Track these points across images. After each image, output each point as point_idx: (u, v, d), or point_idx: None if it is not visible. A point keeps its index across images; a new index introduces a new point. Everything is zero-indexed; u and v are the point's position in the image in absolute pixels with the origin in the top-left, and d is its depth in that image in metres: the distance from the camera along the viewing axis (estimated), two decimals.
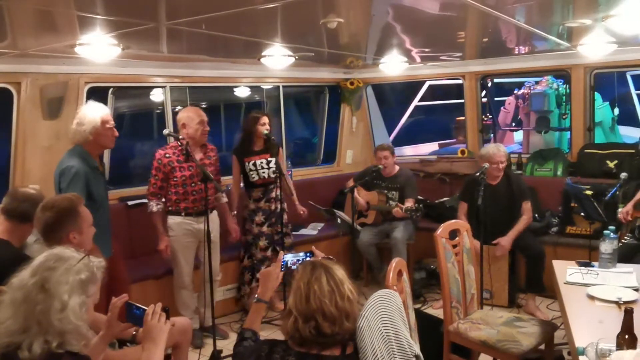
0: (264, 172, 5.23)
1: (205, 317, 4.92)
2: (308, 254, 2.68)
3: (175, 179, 4.64)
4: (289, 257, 2.73)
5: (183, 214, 4.69)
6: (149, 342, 2.36)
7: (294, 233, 6.07)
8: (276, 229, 5.33)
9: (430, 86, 10.39)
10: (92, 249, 3.31)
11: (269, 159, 5.24)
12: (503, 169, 5.32)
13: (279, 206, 5.34)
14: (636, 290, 3.35)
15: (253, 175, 5.22)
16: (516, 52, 5.72)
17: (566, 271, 3.75)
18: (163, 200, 4.72)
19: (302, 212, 5.63)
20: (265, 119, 5.20)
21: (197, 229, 4.66)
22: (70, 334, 2.01)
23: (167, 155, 4.63)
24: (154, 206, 4.67)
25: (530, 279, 5.25)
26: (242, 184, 5.36)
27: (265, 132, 5.16)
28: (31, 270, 2.06)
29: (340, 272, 2.17)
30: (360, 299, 2.21)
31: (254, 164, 5.21)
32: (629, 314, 2.37)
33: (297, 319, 2.09)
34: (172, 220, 4.73)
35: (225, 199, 5.09)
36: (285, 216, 5.41)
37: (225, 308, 5.44)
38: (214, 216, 4.91)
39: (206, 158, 4.84)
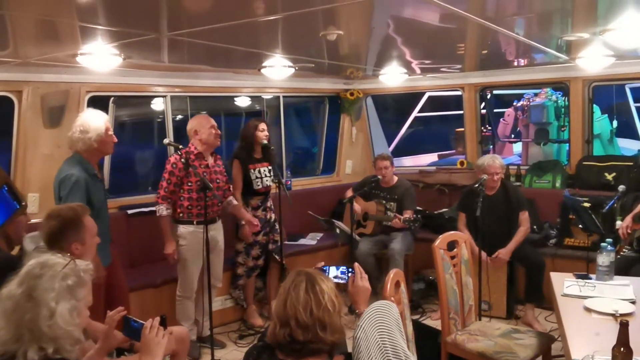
0: (267, 180, 5.26)
1: (204, 326, 4.90)
2: (350, 270, 2.62)
3: (189, 184, 4.65)
4: (333, 270, 2.67)
5: (195, 222, 4.68)
6: (147, 355, 2.37)
7: (293, 243, 6.08)
8: (272, 237, 5.36)
9: (429, 97, 10.41)
10: (94, 258, 3.33)
11: (268, 167, 5.29)
12: (499, 180, 5.34)
13: (272, 215, 5.36)
14: (633, 302, 3.36)
15: (258, 183, 5.23)
16: (515, 65, 5.74)
17: (564, 283, 3.76)
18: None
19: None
20: (263, 126, 5.23)
21: (209, 237, 4.59)
22: (63, 339, 2.01)
23: (183, 160, 4.61)
24: (164, 210, 4.64)
25: (529, 290, 5.25)
26: None
27: (265, 142, 5.18)
28: (18, 280, 2.07)
29: (326, 285, 2.16)
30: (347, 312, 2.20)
31: (259, 172, 5.23)
32: (624, 327, 2.38)
33: (276, 324, 2.12)
34: (185, 229, 4.70)
35: (235, 202, 5.08)
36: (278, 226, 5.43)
37: (223, 317, 5.43)
38: (219, 224, 4.95)
39: (216, 165, 4.89)
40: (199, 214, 4.67)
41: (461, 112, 7.08)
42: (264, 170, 5.27)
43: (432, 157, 10.70)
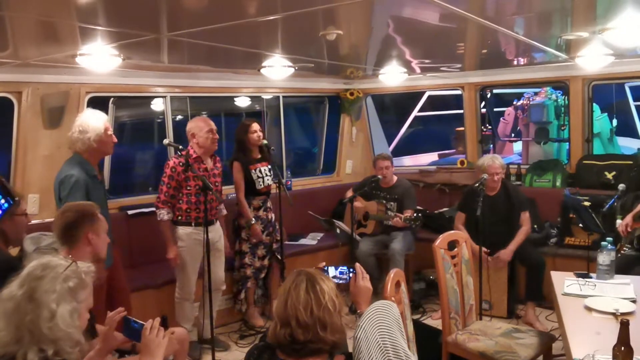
0: (268, 180, 5.27)
1: (204, 328, 4.87)
2: (352, 270, 2.63)
3: (188, 188, 4.65)
4: (332, 270, 2.67)
5: (193, 223, 4.69)
6: (147, 356, 2.37)
7: (293, 243, 6.07)
8: (275, 237, 5.35)
9: (429, 97, 10.41)
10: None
11: (268, 166, 5.29)
12: (499, 179, 5.34)
13: (273, 215, 5.36)
14: (633, 301, 3.36)
15: (260, 183, 5.23)
16: (515, 64, 5.74)
17: (564, 282, 3.76)
18: None
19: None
20: (255, 126, 5.20)
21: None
22: (63, 341, 2.01)
23: (182, 164, 4.59)
24: (165, 214, 4.64)
25: (529, 289, 5.24)
26: None
27: (265, 142, 5.18)
28: (20, 281, 2.07)
29: (327, 284, 2.16)
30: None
31: (260, 171, 5.23)
32: (624, 326, 2.38)
33: (277, 324, 2.12)
34: (183, 230, 4.70)
35: (224, 212, 5.11)
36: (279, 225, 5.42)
37: (225, 318, 5.43)
38: (218, 226, 4.94)
39: (215, 168, 4.90)
40: (197, 217, 4.68)
41: (461, 111, 7.08)
42: (264, 170, 5.27)
43: (433, 157, 10.70)
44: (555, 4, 3.00)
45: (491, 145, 7.68)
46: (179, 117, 6.42)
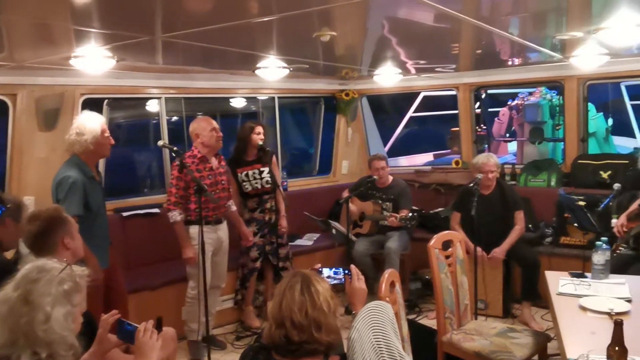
0: (256, 183, 5.26)
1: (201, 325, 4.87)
2: (346, 271, 2.63)
3: (196, 187, 4.61)
4: (326, 271, 2.67)
5: (204, 222, 4.69)
6: (141, 358, 2.37)
7: (289, 243, 6.07)
8: (270, 239, 5.35)
9: (424, 97, 10.41)
10: (92, 260, 3.32)
11: (262, 169, 5.28)
12: (494, 178, 5.34)
13: (273, 217, 5.35)
14: (628, 301, 3.37)
15: (246, 186, 5.25)
16: (510, 64, 5.75)
17: (559, 282, 3.77)
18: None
19: (283, 228, 5.45)
20: (260, 129, 5.24)
21: (215, 237, 4.78)
22: (57, 344, 2.01)
23: (187, 164, 4.60)
24: (177, 215, 4.64)
25: (525, 289, 5.25)
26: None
27: (260, 142, 5.19)
28: (14, 284, 2.07)
29: (321, 285, 2.17)
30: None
31: (247, 175, 5.24)
32: (619, 326, 2.38)
33: (272, 324, 2.13)
34: (195, 229, 4.67)
35: (234, 207, 5.11)
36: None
37: (221, 319, 5.42)
38: (224, 225, 4.97)
39: (220, 167, 4.91)
40: (206, 216, 4.70)
41: (456, 111, 7.08)
42: (254, 173, 5.26)
43: (428, 157, 10.69)
44: (549, 4, 3.01)
45: (486, 145, 7.70)
46: (174, 118, 6.41)
